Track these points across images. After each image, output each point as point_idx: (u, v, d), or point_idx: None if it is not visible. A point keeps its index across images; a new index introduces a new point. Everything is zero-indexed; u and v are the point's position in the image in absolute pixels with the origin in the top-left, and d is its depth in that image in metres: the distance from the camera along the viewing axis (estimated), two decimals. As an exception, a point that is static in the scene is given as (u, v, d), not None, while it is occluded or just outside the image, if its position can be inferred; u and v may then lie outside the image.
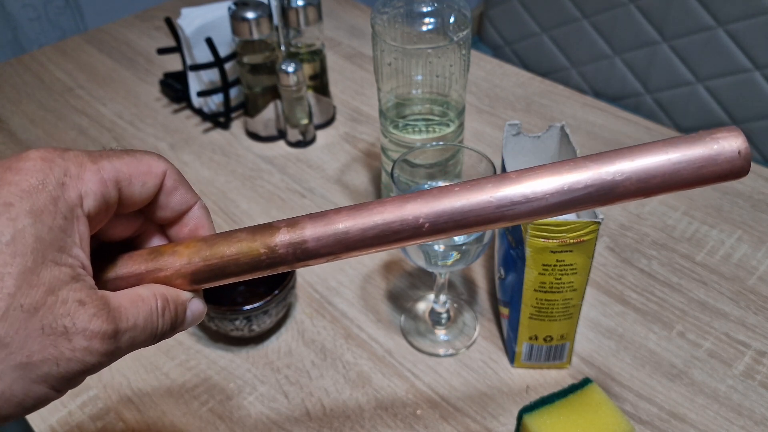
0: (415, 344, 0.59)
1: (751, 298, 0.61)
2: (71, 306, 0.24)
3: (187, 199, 0.31)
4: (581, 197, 0.26)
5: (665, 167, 0.25)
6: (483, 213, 0.27)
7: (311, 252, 0.28)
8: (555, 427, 0.47)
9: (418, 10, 0.56)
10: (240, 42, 0.77)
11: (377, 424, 0.53)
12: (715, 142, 0.25)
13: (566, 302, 0.51)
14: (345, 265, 0.66)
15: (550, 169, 0.27)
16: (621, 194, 0.26)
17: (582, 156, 0.27)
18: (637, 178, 0.26)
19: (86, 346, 0.24)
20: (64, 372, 0.24)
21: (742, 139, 0.25)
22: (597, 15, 1.85)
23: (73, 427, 0.54)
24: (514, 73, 0.95)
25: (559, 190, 0.26)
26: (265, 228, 0.29)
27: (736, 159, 0.25)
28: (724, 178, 0.26)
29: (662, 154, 0.26)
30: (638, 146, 0.26)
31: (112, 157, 0.28)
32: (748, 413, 0.53)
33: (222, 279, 0.30)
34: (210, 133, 0.86)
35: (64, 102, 0.93)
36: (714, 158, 0.25)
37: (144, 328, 0.27)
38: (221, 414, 0.54)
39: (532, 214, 0.27)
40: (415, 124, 0.62)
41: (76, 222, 0.26)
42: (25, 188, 0.24)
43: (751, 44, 1.62)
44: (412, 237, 0.28)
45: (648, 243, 0.67)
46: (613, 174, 0.26)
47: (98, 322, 0.25)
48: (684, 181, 0.26)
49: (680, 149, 0.25)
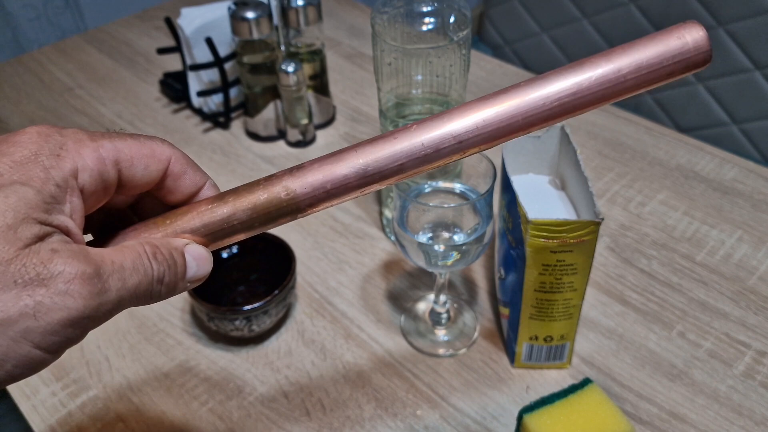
0: (415, 344, 0.59)
1: (751, 298, 0.61)
2: (44, 254, 0.23)
3: (196, 180, 0.30)
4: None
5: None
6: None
7: (340, 187, 0.29)
8: (555, 427, 0.47)
9: (418, 10, 0.56)
10: (240, 42, 0.77)
11: (377, 424, 0.53)
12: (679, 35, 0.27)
13: (566, 302, 0.51)
14: (345, 265, 0.66)
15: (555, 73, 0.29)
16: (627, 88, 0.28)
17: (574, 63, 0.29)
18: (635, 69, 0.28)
19: (65, 289, 0.23)
20: (45, 324, 0.23)
21: (702, 29, 0.28)
22: (597, 15, 1.85)
23: (73, 427, 0.54)
24: (514, 73, 0.94)
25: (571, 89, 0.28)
26: (272, 177, 0.30)
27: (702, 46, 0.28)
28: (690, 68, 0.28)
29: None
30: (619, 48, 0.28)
31: (114, 138, 0.27)
32: (749, 413, 0.53)
33: (232, 235, 0.29)
34: (210, 133, 0.86)
35: (64, 102, 0.93)
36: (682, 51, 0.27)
37: (134, 269, 0.26)
38: (221, 414, 0.54)
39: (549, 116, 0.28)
40: (415, 124, 0.62)
41: (69, 193, 0.25)
42: (17, 159, 0.24)
43: (751, 44, 1.62)
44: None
45: (648, 243, 0.67)
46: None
47: (75, 263, 0.24)
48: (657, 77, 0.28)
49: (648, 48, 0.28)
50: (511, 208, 0.52)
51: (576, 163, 0.51)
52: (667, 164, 0.77)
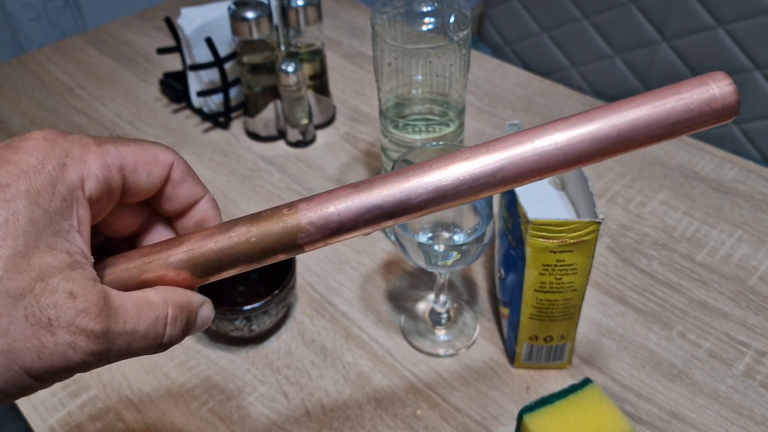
0: (415, 344, 0.59)
1: (751, 298, 0.61)
2: (60, 297, 0.23)
3: (195, 192, 0.30)
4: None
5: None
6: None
7: (343, 226, 0.27)
8: (555, 427, 0.47)
9: (418, 10, 0.56)
10: (240, 42, 0.77)
11: (377, 424, 0.53)
12: (707, 86, 0.26)
13: (566, 302, 0.51)
14: (345, 265, 0.66)
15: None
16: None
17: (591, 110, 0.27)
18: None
19: (69, 341, 0.23)
20: (46, 366, 0.23)
21: (730, 80, 0.26)
22: (597, 15, 1.85)
23: (73, 427, 0.54)
24: (514, 72, 0.94)
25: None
26: (280, 209, 0.28)
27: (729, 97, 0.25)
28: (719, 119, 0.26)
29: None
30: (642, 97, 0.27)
31: (118, 143, 0.27)
32: (749, 413, 0.53)
33: (230, 269, 0.29)
34: (210, 133, 0.86)
35: (64, 102, 0.93)
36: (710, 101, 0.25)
37: (145, 335, 0.26)
38: (221, 414, 0.54)
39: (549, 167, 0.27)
40: (415, 124, 0.62)
41: (76, 205, 0.25)
42: (23, 168, 0.24)
43: (751, 44, 1.62)
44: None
45: (648, 243, 0.67)
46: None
47: (86, 319, 0.23)
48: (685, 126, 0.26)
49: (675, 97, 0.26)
50: (511, 208, 0.52)
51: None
52: (667, 164, 0.77)
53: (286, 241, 0.28)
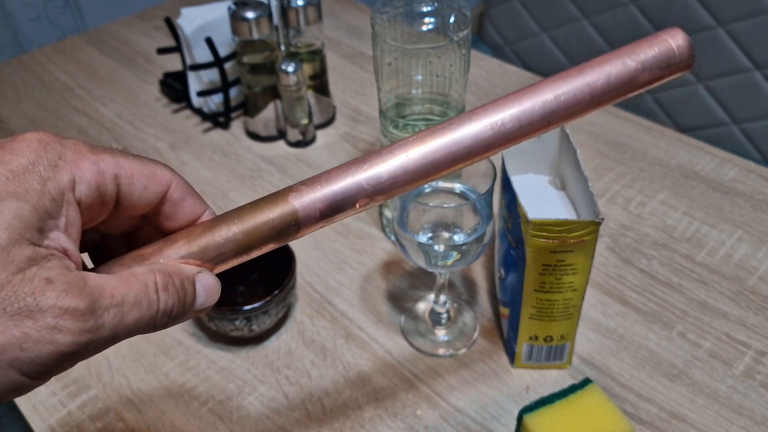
0: (415, 344, 0.59)
1: (751, 298, 0.61)
2: (37, 284, 0.22)
3: (195, 209, 0.30)
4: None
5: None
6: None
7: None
8: (555, 427, 0.47)
9: (418, 10, 0.56)
10: (240, 42, 0.77)
11: (377, 424, 0.53)
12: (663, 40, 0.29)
13: (566, 302, 0.51)
14: (345, 265, 0.66)
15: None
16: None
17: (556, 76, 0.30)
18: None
19: (53, 324, 0.22)
20: (32, 356, 0.22)
21: (683, 33, 0.29)
22: (597, 15, 1.85)
23: (73, 427, 0.54)
24: (514, 73, 0.94)
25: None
26: (283, 193, 0.29)
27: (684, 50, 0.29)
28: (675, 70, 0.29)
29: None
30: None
31: (115, 154, 0.27)
32: (749, 413, 0.53)
33: (241, 255, 0.29)
34: (210, 133, 0.86)
35: (64, 102, 0.93)
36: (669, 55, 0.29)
37: (136, 304, 0.25)
38: (221, 414, 0.54)
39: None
40: (415, 124, 0.62)
41: (66, 206, 0.24)
42: (14, 168, 0.24)
43: (751, 44, 1.62)
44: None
45: (648, 243, 0.67)
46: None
47: (68, 298, 0.23)
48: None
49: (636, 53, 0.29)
50: (511, 208, 0.52)
51: (576, 163, 0.51)
52: (667, 164, 0.77)
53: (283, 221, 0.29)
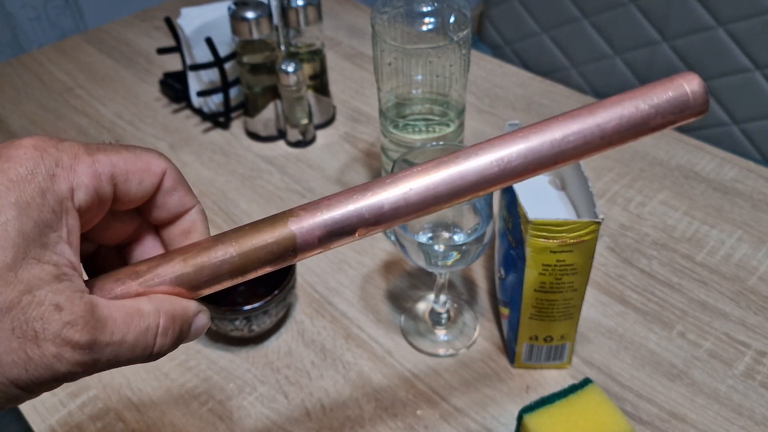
0: (415, 344, 0.59)
1: (751, 299, 0.61)
2: (46, 309, 0.23)
3: (185, 201, 0.29)
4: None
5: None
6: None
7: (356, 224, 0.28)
8: (555, 427, 0.47)
9: (418, 10, 0.56)
10: (240, 42, 0.77)
11: (377, 424, 0.53)
12: (677, 84, 0.28)
13: (566, 302, 0.51)
14: (345, 265, 0.66)
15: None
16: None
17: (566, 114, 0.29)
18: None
19: (55, 353, 0.23)
20: (33, 377, 0.23)
21: (699, 79, 0.28)
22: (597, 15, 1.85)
23: (73, 427, 0.54)
24: (514, 72, 0.95)
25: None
26: (282, 216, 0.29)
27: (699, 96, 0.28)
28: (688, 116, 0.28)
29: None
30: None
31: (109, 151, 0.27)
32: (749, 413, 0.53)
33: (236, 277, 0.29)
34: (210, 133, 0.86)
35: (64, 102, 0.93)
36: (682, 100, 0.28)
37: (133, 346, 0.25)
38: (221, 414, 0.54)
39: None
40: (415, 124, 0.62)
41: (65, 216, 0.24)
42: (13, 178, 0.23)
43: (751, 44, 1.62)
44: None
45: (648, 243, 0.67)
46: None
47: (72, 330, 0.23)
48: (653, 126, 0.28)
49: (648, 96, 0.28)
50: (511, 208, 0.52)
51: (576, 163, 0.51)
52: (667, 164, 0.77)
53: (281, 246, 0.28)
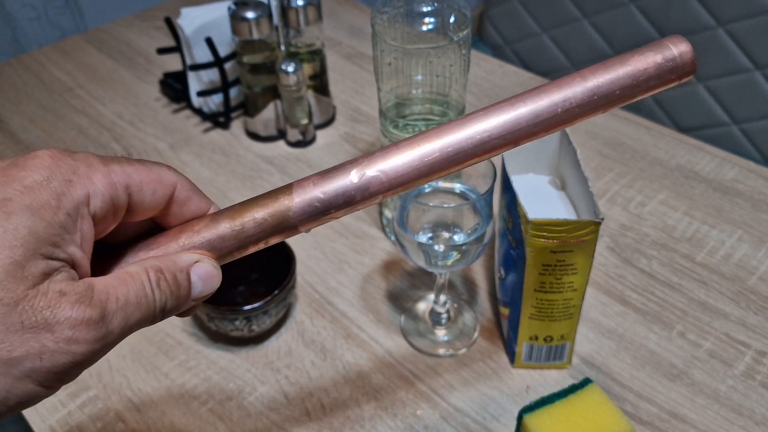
0: (415, 344, 0.59)
1: (751, 299, 0.61)
2: (52, 297, 0.23)
3: (201, 207, 0.30)
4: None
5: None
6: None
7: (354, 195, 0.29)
8: (555, 427, 0.47)
9: (418, 10, 0.56)
10: (240, 42, 0.77)
11: (377, 424, 0.53)
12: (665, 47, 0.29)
13: (566, 302, 0.51)
14: (345, 265, 0.66)
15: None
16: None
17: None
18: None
19: (70, 335, 0.23)
20: (50, 366, 0.23)
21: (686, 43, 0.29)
22: (597, 15, 1.85)
23: (73, 427, 0.54)
24: (514, 72, 0.94)
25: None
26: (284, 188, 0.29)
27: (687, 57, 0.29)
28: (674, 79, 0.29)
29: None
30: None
31: (123, 163, 0.27)
32: (749, 413, 0.53)
33: (242, 250, 0.29)
34: (210, 133, 0.86)
35: (64, 102, 0.93)
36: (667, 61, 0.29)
37: (137, 305, 0.26)
38: (221, 414, 0.54)
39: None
40: (415, 124, 0.62)
41: (80, 221, 0.25)
42: (28, 184, 0.24)
43: (751, 44, 1.62)
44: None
45: (648, 243, 0.67)
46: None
47: (81, 308, 0.24)
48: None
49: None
50: (511, 208, 0.52)
51: (576, 163, 0.51)
52: (667, 164, 0.77)
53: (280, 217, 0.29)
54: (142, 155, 0.82)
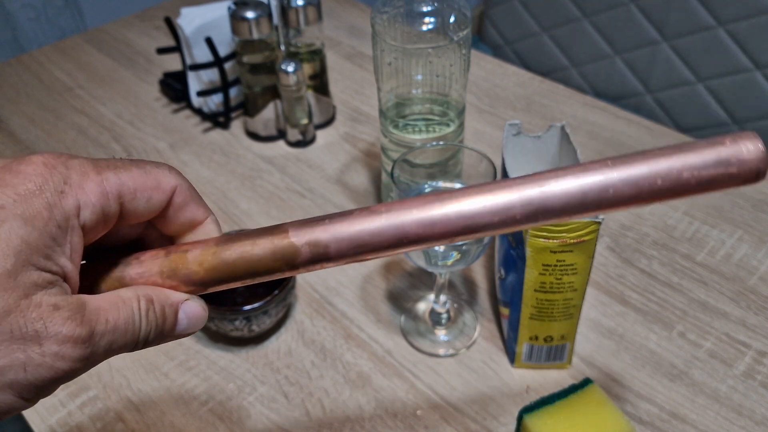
0: (415, 344, 0.59)
1: (751, 299, 0.61)
2: (45, 310, 0.23)
3: (197, 214, 0.30)
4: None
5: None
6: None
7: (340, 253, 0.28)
8: (555, 427, 0.47)
9: (418, 10, 0.56)
10: (240, 42, 0.77)
11: (377, 424, 0.53)
12: (734, 144, 0.25)
13: (566, 302, 0.51)
14: (345, 266, 0.66)
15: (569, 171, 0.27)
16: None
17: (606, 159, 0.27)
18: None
19: (57, 351, 0.23)
20: (32, 379, 0.23)
21: (760, 141, 0.25)
22: (597, 15, 1.85)
23: (73, 428, 0.54)
24: (514, 72, 0.94)
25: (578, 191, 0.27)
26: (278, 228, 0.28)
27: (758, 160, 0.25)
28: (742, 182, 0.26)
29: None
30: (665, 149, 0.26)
31: (119, 169, 0.27)
32: (749, 413, 0.53)
33: (230, 282, 0.28)
34: (210, 133, 0.86)
35: (64, 102, 0.93)
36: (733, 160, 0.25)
37: (124, 331, 0.26)
38: (221, 414, 0.54)
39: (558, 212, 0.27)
40: (415, 124, 0.62)
41: (70, 232, 0.25)
42: (21, 192, 0.24)
43: (751, 44, 1.62)
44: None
45: (648, 243, 0.67)
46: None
47: (72, 325, 0.24)
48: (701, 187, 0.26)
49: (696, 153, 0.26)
50: (511, 208, 0.52)
51: (576, 163, 0.51)
52: (667, 164, 0.77)
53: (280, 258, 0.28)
54: (141, 155, 0.82)
